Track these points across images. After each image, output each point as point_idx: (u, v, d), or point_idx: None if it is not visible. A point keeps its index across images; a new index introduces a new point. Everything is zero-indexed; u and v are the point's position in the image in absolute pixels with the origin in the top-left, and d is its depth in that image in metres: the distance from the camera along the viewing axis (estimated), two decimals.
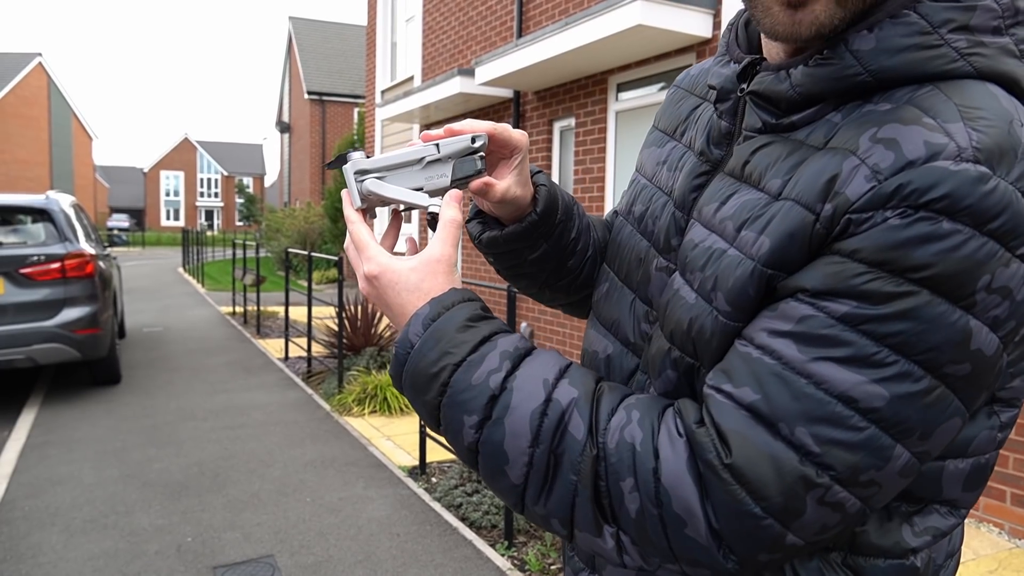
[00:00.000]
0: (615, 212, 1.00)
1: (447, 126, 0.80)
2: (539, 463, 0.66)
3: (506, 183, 0.83)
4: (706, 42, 5.63)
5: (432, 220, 0.78)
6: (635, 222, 0.90)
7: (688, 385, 0.75)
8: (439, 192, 0.78)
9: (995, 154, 0.58)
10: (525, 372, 0.70)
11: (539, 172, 0.92)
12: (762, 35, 0.77)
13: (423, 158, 0.78)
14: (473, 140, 0.78)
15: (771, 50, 0.76)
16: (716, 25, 5.55)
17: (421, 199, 0.78)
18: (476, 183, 0.80)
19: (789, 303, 0.63)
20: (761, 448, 0.60)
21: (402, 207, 0.82)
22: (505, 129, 0.82)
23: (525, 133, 0.83)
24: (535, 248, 0.92)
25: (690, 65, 5.94)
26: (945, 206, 0.56)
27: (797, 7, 0.65)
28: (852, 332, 0.59)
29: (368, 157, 0.79)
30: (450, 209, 0.77)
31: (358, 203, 0.79)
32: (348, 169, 0.78)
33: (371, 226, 0.80)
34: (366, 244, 0.77)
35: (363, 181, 0.78)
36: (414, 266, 0.75)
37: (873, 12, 0.66)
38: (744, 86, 0.76)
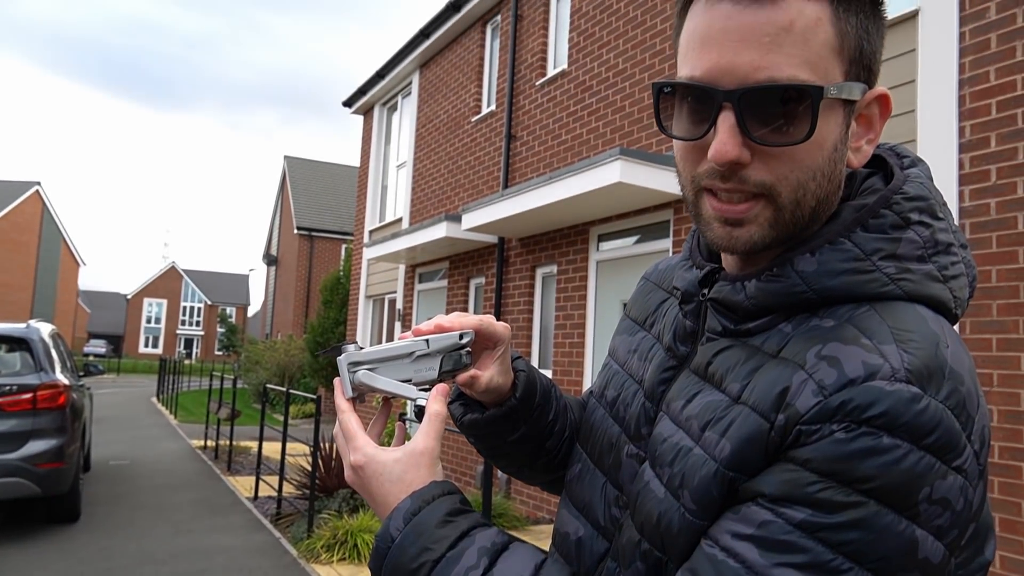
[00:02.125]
0: (590, 392, 1.03)
1: (437, 320, 0.86)
2: None
3: (489, 373, 0.88)
4: (682, 199, 5.93)
5: (419, 412, 0.82)
6: (607, 406, 0.93)
7: None
8: (427, 385, 0.83)
9: (924, 375, 0.64)
10: (501, 568, 0.73)
11: (519, 358, 0.96)
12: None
13: (413, 352, 0.83)
14: (461, 336, 0.84)
15: (727, 258, 0.83)
16: None
17: (410, 391, 0.83)
18: (463, 376, 0.85)
19: (750, 507, 0.66)
20: None
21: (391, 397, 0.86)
22: (490, 324, 0.87)
23: (507, 326, 0.89)
24: (515, 430, 0.94)
25: (668, 220, 6.23)
26: (884, 423, 0.61)
27: (734, 226, 0.73)
28: (809, 539, 0.62)
29: (361, 349, 0.84)
30: (436, 403, 0.82)
31: (349, 393, 0.83)
32: (342, 360, 0.83)
33: (358, 415, 0.84)
34: (354, 434, 0.81)
35: (355, 372, 0.83)
36: (398, 458, 0.79)
37: (804, 235, 0.75)
38: (706, 291, 0.82)
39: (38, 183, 38.51)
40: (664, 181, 5.80)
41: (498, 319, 6.44)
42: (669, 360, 0.85)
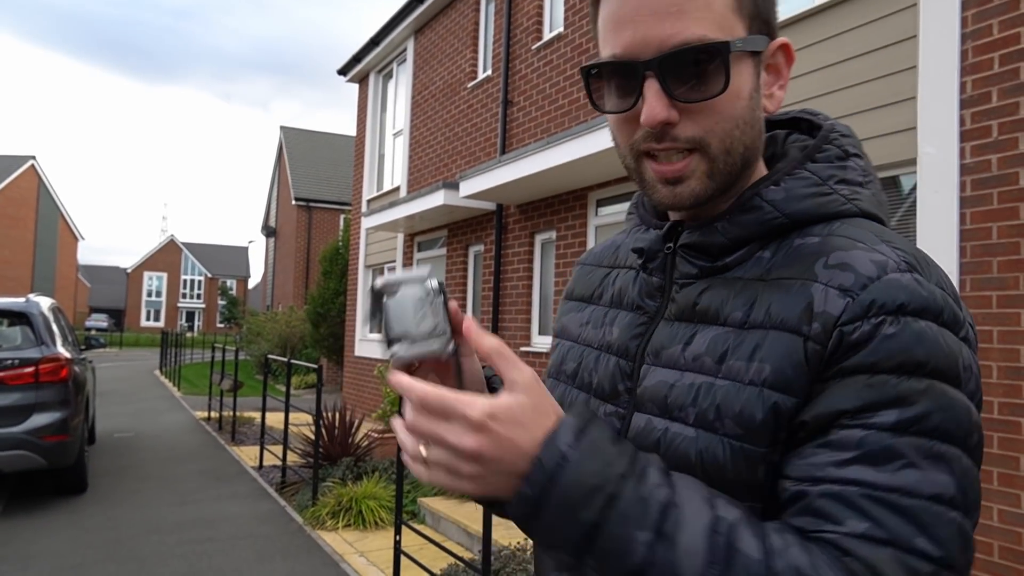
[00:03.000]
0: (547, 375, 1.04)
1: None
2: None
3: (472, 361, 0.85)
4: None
5: (456, 361, 0.77)
6: (568, 379, 0.96)
7: None
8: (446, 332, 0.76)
9: (918, 264, 0.73)
10: (681, 484, 0.68)
11: (493, 376, 0.96)
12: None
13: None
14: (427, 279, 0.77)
15: (675, 216, 0.89)
16: None
17: (437, 343, 0.76)
18: (465, 322, 0.73)
19: (838, 432, 0.68)
20: (898, 565, 0.63)
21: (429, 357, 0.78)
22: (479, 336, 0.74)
23: (497, 342, 0.72)
24: None
25: None
26: (914, 309, 0.69)
27: (675, 183, 0.79)
28: (907, 436, 0.66)
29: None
30: (488, 338, 0.70)
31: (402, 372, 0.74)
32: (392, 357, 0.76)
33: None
34: (452, 396, 0.66)
35: (394, 354, 0.76)
36: (524, 390, 0.68)
37: (740, 183, 0.83)
38: (670, 244, 0.87)
39: (33, 157, 38.27)
40: None
41: (497, 286, 6.48)
42: (639, 318, 0.89)
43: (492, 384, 0.94)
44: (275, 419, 10.42)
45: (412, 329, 0.76)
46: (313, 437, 6.75)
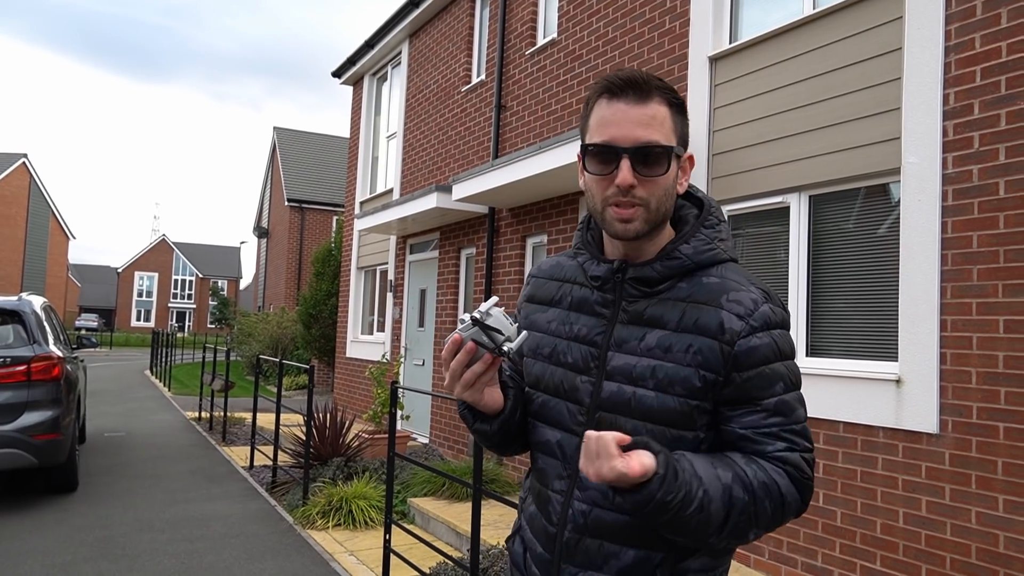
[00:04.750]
0: (520, 356, 1.49)
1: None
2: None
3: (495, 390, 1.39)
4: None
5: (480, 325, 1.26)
6: (545, 359, 1.41)
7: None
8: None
9: (769, 296, 1.30)
10: (700, 467, 1.20)
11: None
12: (606, 234, 1.37)
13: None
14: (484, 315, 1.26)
15: (612, 244, 1.37)
16: None
17: (518, 339, 1.26)
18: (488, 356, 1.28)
19: (759, 403, 1.26)
20: (800, 460, 1.26)
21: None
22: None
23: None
24: (509, 430, 1.44)
25: None
26: (774, 324, 1.28)
27: (627, 222, 1.28)
28: (789, 394, 1.28)
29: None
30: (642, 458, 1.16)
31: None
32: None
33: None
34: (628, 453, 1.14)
35: (510, 350, 1.25)
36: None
37: (660, 228, 1.33)
38: (619, 275, 1.35)
39: (25, 155, 38.08)
40: None
41: (489, 289, 6.56)
42: (601, 321, 1.36)
43: (505, 383, 1.42)
44: (266, 419, 10.44)
45: (513, 334, 1.25)
46: (304, 437, 6.78)
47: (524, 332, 1.27)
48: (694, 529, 1.15)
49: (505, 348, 1.23)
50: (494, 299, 1.27)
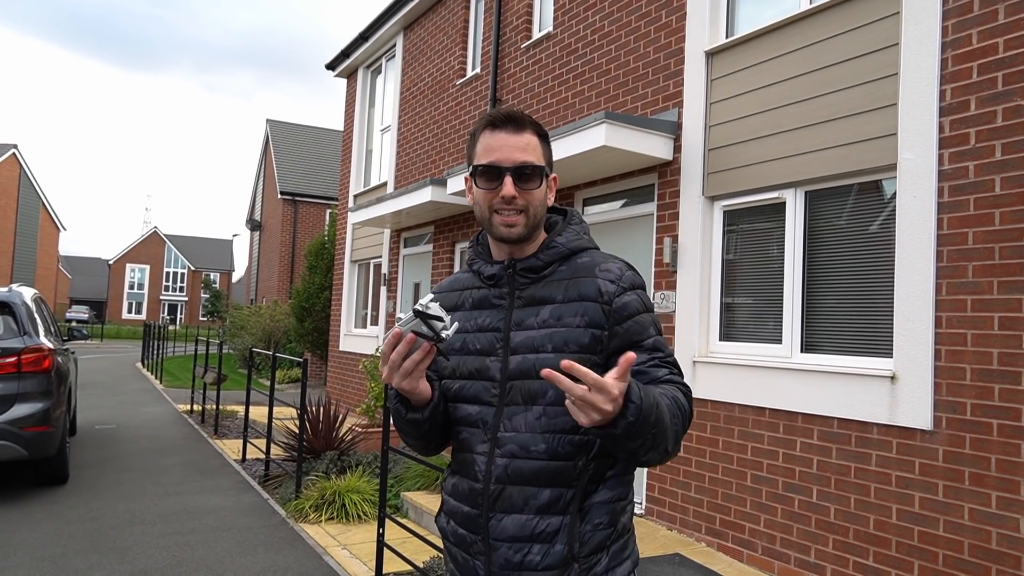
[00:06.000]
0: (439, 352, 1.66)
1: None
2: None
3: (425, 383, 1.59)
4: (667, 163, 5.94)
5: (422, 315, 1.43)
6: (458, 352, 1.64)
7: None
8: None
9: (629, 266, 1.62)
10: (657, 392, 1.44)
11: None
12: (492, 240, 1.67)
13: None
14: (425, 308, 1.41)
15: (499, 249, 1.66)
16: (676, 148, 5.86)
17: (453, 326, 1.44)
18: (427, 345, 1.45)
19: (641, 344, 1.55)
20: (683, 380, 1.58)
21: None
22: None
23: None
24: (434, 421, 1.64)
25: (652, 184, 6.25)
26: (638, 285, 1.60)
27: (511, 227, 1.58)
28: (658, 336, 1.59)
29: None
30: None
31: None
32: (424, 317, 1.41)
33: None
34: (603, 380, 1.28)
35: (449, 335, 1.41)
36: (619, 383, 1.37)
37: (537, 231, 1.63)
38: (510, 270, 1.64)
39: (15, 146, 37.79)
40: (649, 145, 5.81)
41: None
42: (500, 311, 1.63)
43: (429, 377, 1.61)
44: (258, 413, 10.40)
45: (448, 322, 1.40)
46: (297, 431, 6.76)
47: (455, 322, 1.45)
48: (664, 430, 1.38)
49: (443, 335, 1.39)
50: (431, 295, 1.53)
